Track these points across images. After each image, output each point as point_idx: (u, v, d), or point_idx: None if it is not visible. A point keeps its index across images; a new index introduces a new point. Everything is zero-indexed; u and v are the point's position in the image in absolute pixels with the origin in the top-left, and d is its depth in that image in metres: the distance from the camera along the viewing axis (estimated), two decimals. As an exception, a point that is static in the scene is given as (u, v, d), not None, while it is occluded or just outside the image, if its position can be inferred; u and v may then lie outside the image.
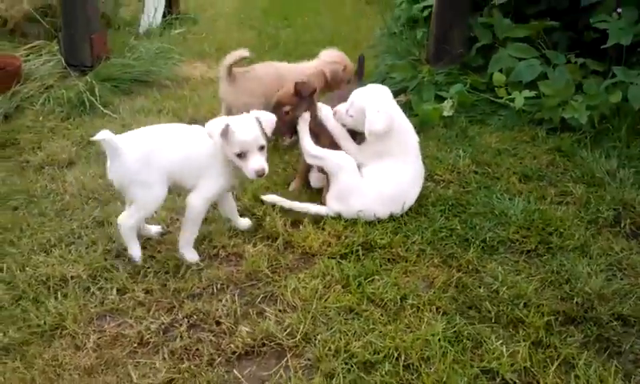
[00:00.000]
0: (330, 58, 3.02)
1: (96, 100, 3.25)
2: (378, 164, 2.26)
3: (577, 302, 1.82)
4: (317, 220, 2.23)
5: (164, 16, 4.69)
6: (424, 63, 3.41)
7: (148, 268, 2.02)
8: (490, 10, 3.42)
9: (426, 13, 3.79)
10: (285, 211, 2.28)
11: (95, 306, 1.86)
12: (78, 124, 3.12)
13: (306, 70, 2.93)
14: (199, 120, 3.09)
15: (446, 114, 2.97)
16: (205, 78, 3.76)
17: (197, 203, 2.03)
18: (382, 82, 3.09)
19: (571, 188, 2.42)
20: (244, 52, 2.86)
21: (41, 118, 3.18)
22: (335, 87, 2.92)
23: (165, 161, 2.00)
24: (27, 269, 2.01)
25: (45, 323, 1.78)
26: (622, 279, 1.93)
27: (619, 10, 3.05)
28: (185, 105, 3.32)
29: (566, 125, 2.84)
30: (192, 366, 1.63)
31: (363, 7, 5.63)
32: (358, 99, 2.26)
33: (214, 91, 3.46)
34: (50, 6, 4.32)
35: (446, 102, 3.02)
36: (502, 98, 3.10)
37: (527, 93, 2.90)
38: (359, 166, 2.28)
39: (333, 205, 2.25)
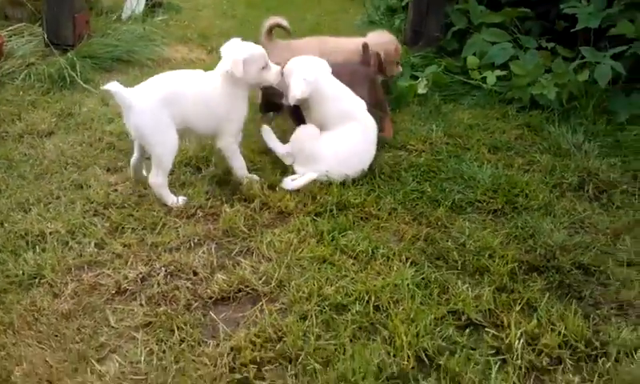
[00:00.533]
0: (381, 39, 2.98)
1: (77, 76, 3.28)
2: (328, 131, 2.38)
3: (540, 253, 1.91)
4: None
5: (146, 4, 4.72)
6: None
7: (126, 225, 2.06)
8: (465, -1, 3.55)
9: (404, 2, 3.90)
10: (260, 172, 2.35)
11: (73, 258, 1.89)
12: (58, 98, 3.15)
13: (350, 46, 2.92)
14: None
15: (420, 91, 3.06)
16: (186, 60, 3.81)
17: (229, 146, 2.27)
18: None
19: (538, 157, 2.52)
20: (283, 20, 2.97)
21: (21, 93, 3.19)
22: (388, 67, 2.93)
23: (178, 108, 2.15)
24: (5, 225, 2.04)
25: (23, 273, 1.81)
26: (583, 235, 2.03)
27: (586, -3, 3.18)
28: (165, 82, 3.36)
29: (535, 103, 2.95)
30: (169, 310, 1.67)
31: (345, 3, 5.72)
32: (289, 67, 2.40)
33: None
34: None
35: (419, 80, 3.11)
36: (475, 79, 3.20)
37: (498, 72, 3.01)
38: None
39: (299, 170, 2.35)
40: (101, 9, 4.49)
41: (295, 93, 2.32)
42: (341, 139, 2.33)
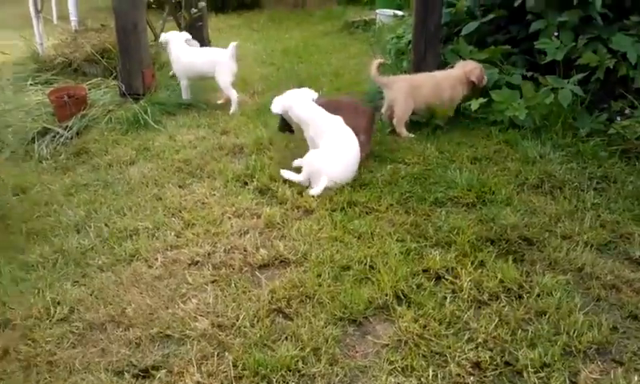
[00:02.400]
0: (470, 66, 3.81)
1: (149, 118, 4.13)
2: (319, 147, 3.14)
3: (495, 231, 2.57)
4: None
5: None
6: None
7: (195, 222, 2.82)
8: (458, 39, 4.28)
9: (410, 46, 4.65)
10: (291, 184, 3.10)
11: (160, 243, 2.67)
12: (135, 136, 3.99)
13: (452, 74, 3.83)
14: (229, 130, 3.98)
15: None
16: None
17: None
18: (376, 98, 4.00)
19: (509, 165, 3.18)
20: (383, 59, 3.93)
21: (105, 133, 4.03)
22: (479, 83, 3.79)
23: None
24: (109, 225, 2.84)
25: (125, 253, 2.59)
26: (532, 218, 2.68)
27: (556, 34, 3.86)
28: (217, 121, 4.19)
29: (513, 124, 3.61)
30: (228, 272, 2.42)
31: (366, 47, 6.50)
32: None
33: (240, 111, 4.36)
34: (106, 49, 5.30)
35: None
36: (470, 110, 3.89)
37: (481, 100, 3.69)
38: None
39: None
40: (162, 63, 5.42)
41: (272, 109, 3.26)
42: (329, 151, 3.05)
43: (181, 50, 4.52)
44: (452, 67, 3.94)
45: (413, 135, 3.67)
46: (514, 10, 4.41)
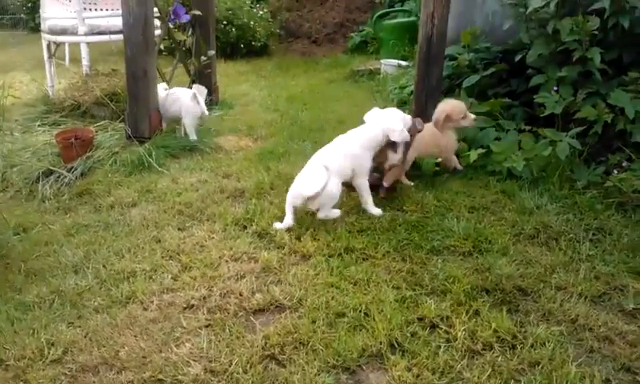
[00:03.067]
0: (450, 105, 3.82)
1: (153, 161, 4.21)
2: None
3: (491, 280, 2.57)
4: (313, 235, 3.06)
5: (206, 104, 5.74)
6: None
7: (192, 265, 2.85)
8: (459, 91, 4.38)
9: (412, 96, 4.76)
10: (289, 229, 3.13)
11: (156, 286, 2.68)
12: (138, 178, 4.05)
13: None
14: (231, 174, 4.04)
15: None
16: (236, 147, 4.72)
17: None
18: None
19: (505, 215, 3.21)
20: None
21: (109, 175, 4.09)
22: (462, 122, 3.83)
23: None
24: (107, 266, 2.86)
25: (122, 295, 2.60)
26: (527, 269, 2.69)
27: (555, 88, 3.95)
28: (220, 164, 4.25)
29: (511, 174, 3.66)
30: (222, 316, 2.43)
31: (370, 96, 6.63)
32: None
33: (243, 155, 4.44)
34: (115, 93, 5.44)
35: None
36: (468, 160, 3.94)
37: (480, 150, 3.75)
38: None
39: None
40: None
41: None
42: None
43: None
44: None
45: (412, 183, 3.71)
46: (514, 64, 4.53)
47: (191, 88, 4.97)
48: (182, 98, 4.76)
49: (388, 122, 3.31)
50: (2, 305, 2.56)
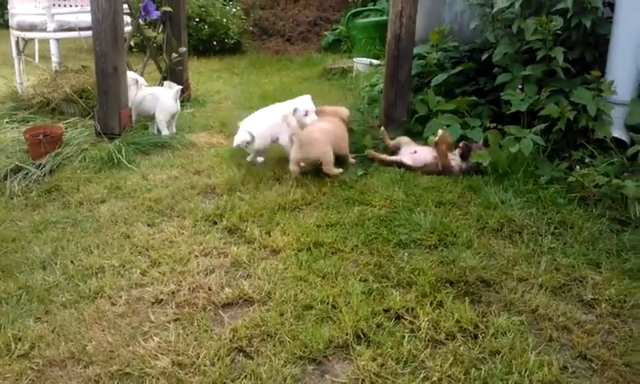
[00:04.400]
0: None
1: (122, 157, 4.18)
2: None
3: (455, 272, 2.64)
4: (283, 229, 3.09)
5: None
6: (377, 129, 4.40)
7: (161, 260, 2.84)
8: (427, 90, 4.46)
9: (381, 94, 4.82)
10: (260, 224, 3.15)
11: (125, 281, 2.68)
12: (107, 175, 4.01)
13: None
14: (202, 170, 4.04)
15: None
16: (208, 143, 4.71)
17: None
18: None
19: (471, 210, 3.28)
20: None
21: (78, 172, 4.04)
22: None
23: None
24: (75, 262, 2.84)
25: (90, 290, 2.59)
26: (490, 261, 2.76)
27: (520, 86, 4.05)
28: (191, 161, 4.25)
29: (479, 170, 3.75)
30: (191, 311, 2.44)
31: (342, 93, 6.67)
32: None
33: (215, 152, 4.45)
34: (84, 90, 5.38)
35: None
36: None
37: (447, 146, 3.83)
38: None
39: None
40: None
41: None
42: None
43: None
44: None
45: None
46: (481, 63, 4.63)
47: (162, 85, 4.96)
48: (161, 98, 4.78)
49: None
50: (-33, 301, 2.53)
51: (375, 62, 7.00)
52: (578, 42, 4.10)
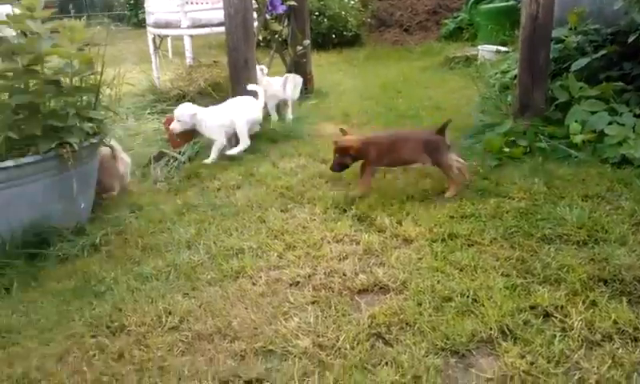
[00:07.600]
0: None
1: (254, 146, 4.36)
2: None
3: (609, 271, 2.41)
4: (414, 220, 3.04)
5: (302, 92, 5.86)
6: (510, 117, 4.17)
7: (296, 245, 2.91)
8: (567, 75, 4.14)
9: (515, 81, 4.57)
10: (390, 213, 3.11)
11: (263, 262, 2.78)
12: (242, 162, 4.21)
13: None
14: (328, 160, 4.08)
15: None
16: (332, 133, 4.76)
17: None
18: (478, 134, 3.95)
19: (623, 204, 3.00)
20: None
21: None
22: None
23: None
24: (217, 243, 3.00)
25: (231, 270, 2.72)
26: (650, 260, 2.50)
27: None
28: (317, 150, 4.33)
29: (627, 161, 3.42)
30: (328, 294, 2.47)
31: (467, 82, 6.44)
32: None
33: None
34: (217, 83, 5.68)
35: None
36: (576, 144, 3.74)
37: (592, 135, 3.52)
38: None
39: None
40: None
41: None
42: None
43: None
44: None
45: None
46: (626, 47, 4.22)
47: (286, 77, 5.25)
48: (271, 85, 5.15)
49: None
50: (122, 275, 2.75)
51: (503, 48, 6.67)
52: None
